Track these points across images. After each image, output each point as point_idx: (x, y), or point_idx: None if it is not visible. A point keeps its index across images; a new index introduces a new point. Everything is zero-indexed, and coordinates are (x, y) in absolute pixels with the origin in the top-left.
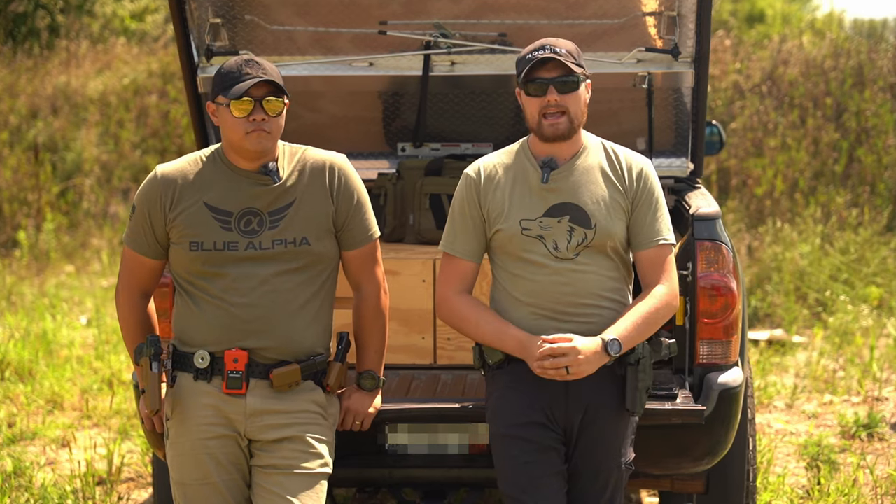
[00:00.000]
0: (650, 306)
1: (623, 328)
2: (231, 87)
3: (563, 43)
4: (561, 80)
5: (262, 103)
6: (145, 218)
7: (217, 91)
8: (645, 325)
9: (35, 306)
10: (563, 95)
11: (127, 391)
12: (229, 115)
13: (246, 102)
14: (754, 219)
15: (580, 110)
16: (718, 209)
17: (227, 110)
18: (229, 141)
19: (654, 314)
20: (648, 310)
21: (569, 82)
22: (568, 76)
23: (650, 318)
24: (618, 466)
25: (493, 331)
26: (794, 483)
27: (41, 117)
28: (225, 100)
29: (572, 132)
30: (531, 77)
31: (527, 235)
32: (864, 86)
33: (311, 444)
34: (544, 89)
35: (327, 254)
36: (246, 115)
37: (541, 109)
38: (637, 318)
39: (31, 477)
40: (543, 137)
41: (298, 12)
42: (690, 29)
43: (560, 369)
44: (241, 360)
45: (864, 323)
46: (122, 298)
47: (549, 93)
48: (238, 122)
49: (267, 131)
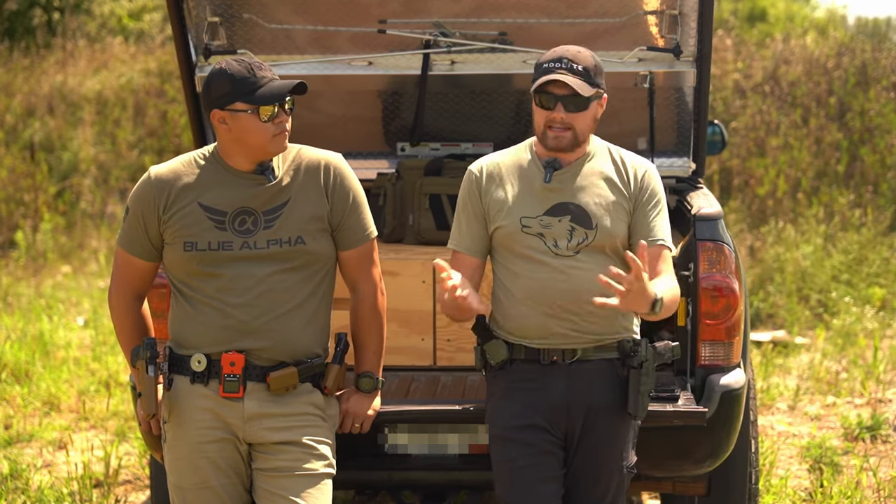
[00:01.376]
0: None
1: (661, 290)
2: (254, 93)
3: (583, 57)
4: (570, 100)
5: (283, 104)
6: (139, 219)
7: (232, 98)
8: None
9: (32, 307)
10: (569, 114)
11: (124, 393)
12: (254, 121)
13: (274, 106)
14: (756, 219)
15: (587, 127)
16: (720, 209)
17: (249, 116)
18: (248, 146)
19: (674, 290)
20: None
21: (578, 102)
22: (578, 97)
23: (673, 292)
24: (619, 470)
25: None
26: (797, 485)
27: (37, 117)
28: (248, 105)
29: (575, 146)
30: (542, 89)
31: (526, 232)
32: (868, 85)
33: (312, 446)
34: (553, 104)
35: (323, 253)
36: (271, 119)
37: (547, 122)
38: (665, 287)
39: (28, 479)
40: (546, 147)
41: (297, 11)
42: (692, 28)
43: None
44: (238, 363)
45: (868, 324)
46: (116, 300)
47: (556, 109)
48: (265, 126)
49: (287, 131)
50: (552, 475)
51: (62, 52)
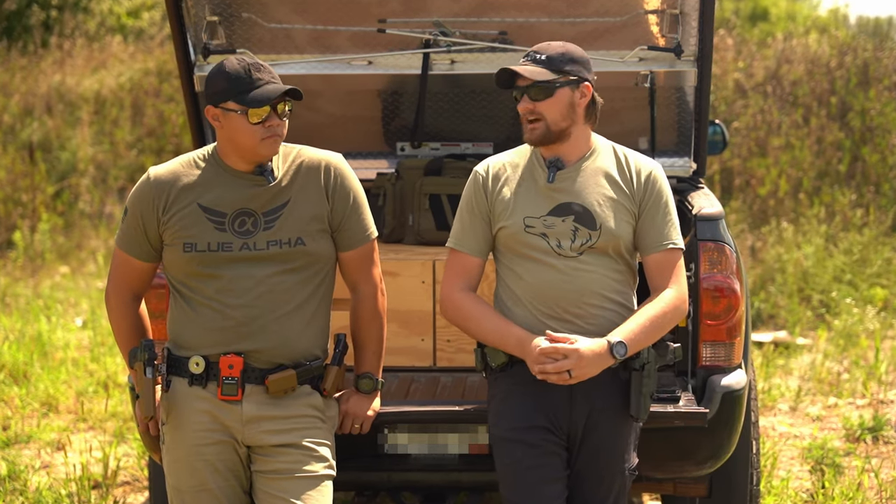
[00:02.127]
0: (658, 309)
1: (630, 330)
2: (247, 93)
3: (553, 47)
4: (532, 88)
5: (276, 108)
6: (138, 220)
7: (225, 96)
8: (652, 329)
9: (30, 308)
10: (536, 103)
11: (123, 393)
12: (243, 122)
13: (264, 109)
14: (757, 219)
15: (560, 116)
16: (721, 209)
17: (239, 116)
18: (238, 146)
19: (662, 318)
20: (656, 313)
21: (541, 89)
22: (538, 83)
23: (658, 321)
24: (621, 472)
25: (495, 329)
26: (798, 487)
27: (35, 116)
28: (238, 106)
29: (550, 138)
30: (514, 86)
31: (530, 232)
32: (869, 84)
33: (312, 448)
34: (519, 96)
35: (323, 254)
36: (262, 122)
37: (521, 116)
38: (644, 321)
39: (26, 481)
40: (528, 143)
41: (296, 10)
42: (693, 27)
43: (562, 373)
44: (237, 365)
45: (869, 324)
46: (114, 301)
47: (522, 100)
48: (254, 129)
49: (280, 136)
50: (556, 476)
51: (60, 52)
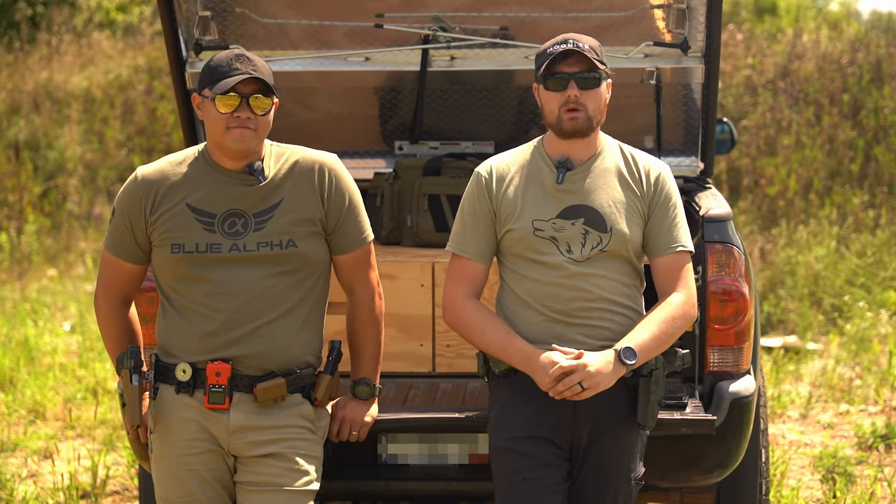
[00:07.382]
0: (667, 314)
1: (639, 338)
2: (218, 81)
3: (586, 39)
4: (582, 76)
5: (249, 101)
6: (126, 221)
7: (204, 84)
8: (662, 335)
9: (16, 312)
10: (583, 91)
11: (112, 400)
12: (213, 110)
13: (232, 98)
14: (767, 220)
15: (599, 109)
16: (729, 210)
17: (211, 104)
18: (212, 137)
19: (672, 323)
20: (665, 318)
21: (590, 79)
22: (590, 72)
23: (667, 327)
24: (627, 482)
25: (499, 341)
26: (809, 496)
27: (22, 114)
28: (210, 93)
29: (590, 130)
30: (552, 71)
31: (539, 236)
32: (883, 82)
33: (296, 461)
34: (564, 84)
35: (316, 256)
36: (230, 112)
37: (560, 105)
38: (653, 328)
39: (13, 490)
40: (562, 133)
41: (291, 5)
42: (700, 22)
43: (574, 387)
44: (224, 373)
45: (882, 329)
46: (102, 305)
47: (569, 88)
48: (221, 117)
49: (252, 129)
50: (554, 489)
51: (47, 48)
